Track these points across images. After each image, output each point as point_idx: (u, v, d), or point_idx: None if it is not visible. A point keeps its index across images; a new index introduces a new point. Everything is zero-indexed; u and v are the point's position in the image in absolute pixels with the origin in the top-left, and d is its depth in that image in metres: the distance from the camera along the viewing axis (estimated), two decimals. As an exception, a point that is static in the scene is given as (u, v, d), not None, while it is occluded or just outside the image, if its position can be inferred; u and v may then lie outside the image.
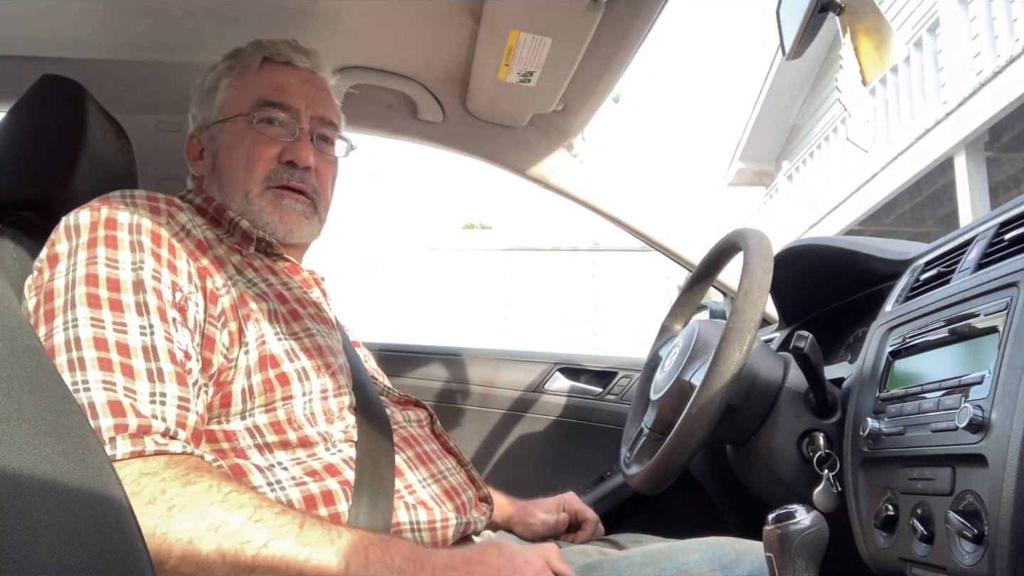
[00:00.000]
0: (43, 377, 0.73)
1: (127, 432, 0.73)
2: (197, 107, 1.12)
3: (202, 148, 1.10)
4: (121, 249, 0.85)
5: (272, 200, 1.04)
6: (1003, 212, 0.87)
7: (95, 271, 0.82)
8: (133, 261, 0.85)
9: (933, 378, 0.80)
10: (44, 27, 1.30)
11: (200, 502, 0.70)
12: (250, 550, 0.68)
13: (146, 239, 0.87)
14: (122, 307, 0.81)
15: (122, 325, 0.80)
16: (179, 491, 0.70)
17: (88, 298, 0.80)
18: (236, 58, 1.11)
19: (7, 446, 0.60)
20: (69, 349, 0.77)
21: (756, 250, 1.00)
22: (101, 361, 0.77)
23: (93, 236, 0.85)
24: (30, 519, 0.58)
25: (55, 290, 0.82)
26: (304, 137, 1.07)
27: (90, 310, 0.80)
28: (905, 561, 0.80)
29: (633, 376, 1.74)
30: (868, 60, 1.04)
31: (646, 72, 44.60)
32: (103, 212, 0.87)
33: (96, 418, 0.73)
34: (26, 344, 0.74)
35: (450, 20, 1.29)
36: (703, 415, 0.93)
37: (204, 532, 0.68)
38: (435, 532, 0.92)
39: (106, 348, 0.78)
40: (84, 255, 0.84)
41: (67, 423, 0.73)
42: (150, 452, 0.73)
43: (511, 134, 1.59)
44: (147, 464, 0.73)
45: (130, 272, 0.84)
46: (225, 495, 0.71)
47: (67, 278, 0.82)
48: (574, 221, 7.70)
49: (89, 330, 0.78)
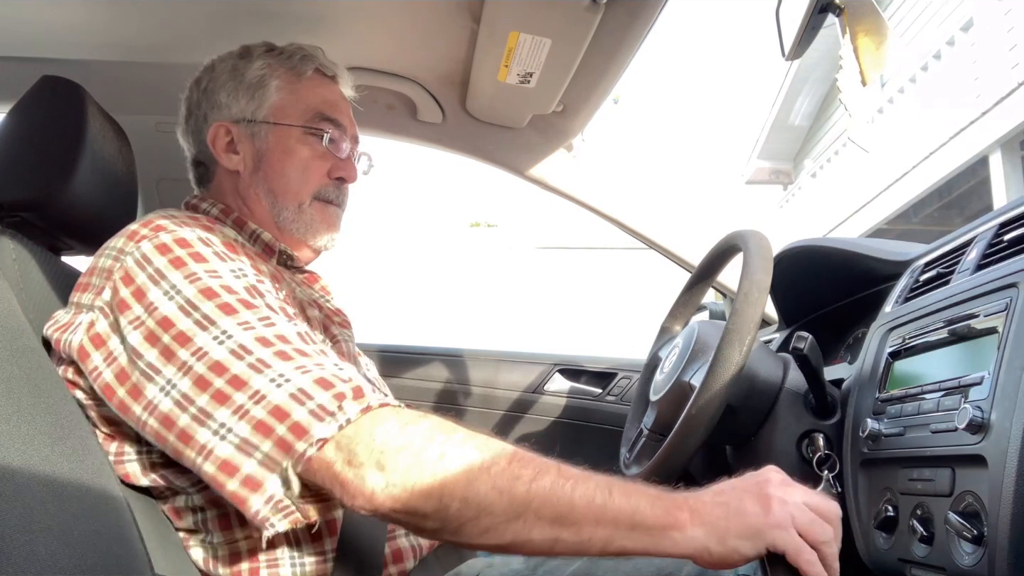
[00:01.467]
0: (43, 377, 0.73)
1: (348, 397, 0.73)
2: (230, 96, 1.05)
3: (232, 140, 1.05)
4: (212, 260, 0.83)
5: (320, 210, 1.06)
6: (1003, 213, 0.87)
7: (205, 285, 0.80)
8: (232, 269, 0.83)
9: (933, 379, 0.80)
10: (44, 28, 1.30)
11: (466, 446, 0.72)
12: (522, 485, 0.70)
13: (224, 249, 0.86)
14: (255, 306, 0.80)
15: (267, 319, 0.79)
16: (445, 437, 0.72)
17: (221, 309, 0.78)
18: (280, 57, 1.07)
19: (7, 446, 0.60)
20: (240, 357, 0.75)
21: (755, 251, 1.00)
22: (279, 354, 0.76)
23: (173, 257, 0.82)
24: (30, 519, 0.58)
25: (169, 316, 0.78)
26: (352, 156, 1.09)
27: (231, 318, 0.78)
28: (905, 562, 0.80)
29: (633, 377, 1.74)
30: (868, 60, 1.04)
31: (665, 69, 44.65)
32: (164, 236, 0.84)
33: (311, 399, 0.72)
34: (26, 345, 0.74)
35: (450, 21, 1.29)
36: (703, 416, 0.93)
37: (479, 474, 0.70)
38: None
39: (272, 343, 0.77)
40: (178, 275, 0.80)
41: (67, 423, 0.73)
42: (375, 406, 0.74)
43: (511, 135, 1.59)
44: (396, 414, 0.74)
45: (236, 280, 0.82)
46: (484, 441, 0.73)
47: (176, 301, 0.79)
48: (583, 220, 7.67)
49: (246, 335, 0.77)
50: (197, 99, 1.08)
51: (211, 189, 1.08)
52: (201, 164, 1.09)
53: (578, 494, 0.70)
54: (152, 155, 1.19)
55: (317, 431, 0.71)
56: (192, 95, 1.09)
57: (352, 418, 0.72)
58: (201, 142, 1.07)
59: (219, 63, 1.08)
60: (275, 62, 1.06)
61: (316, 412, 0.72)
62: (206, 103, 1.07)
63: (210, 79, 1.07)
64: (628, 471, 1.14)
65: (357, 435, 0.71)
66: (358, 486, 0.70)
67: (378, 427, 0.72)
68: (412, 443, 0.71)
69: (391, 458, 0.70)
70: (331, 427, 0.71)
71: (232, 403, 0.74)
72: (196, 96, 1.08)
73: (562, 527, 0.69)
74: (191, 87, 1.10)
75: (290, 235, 1.05)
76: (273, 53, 1.07)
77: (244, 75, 1.06)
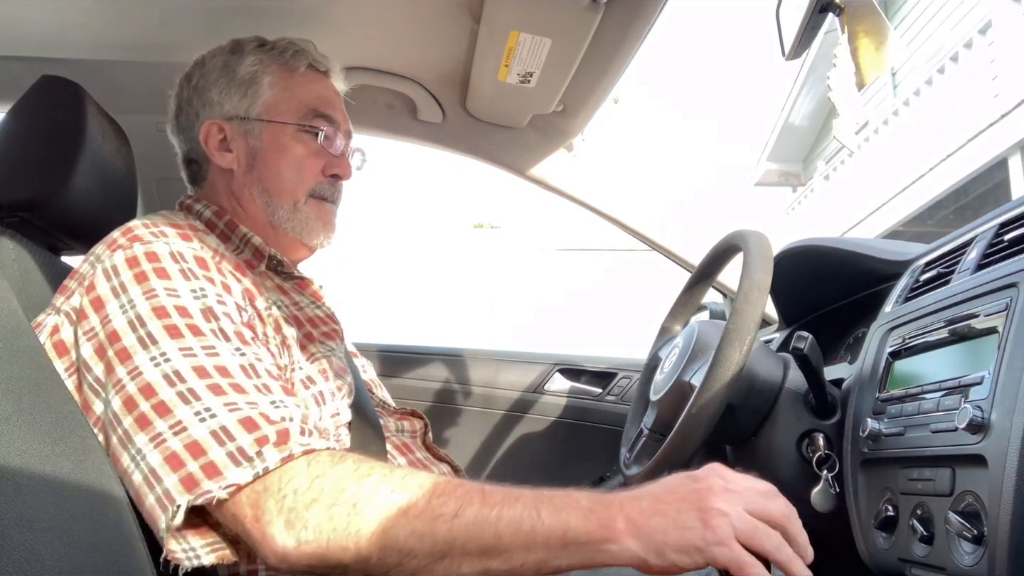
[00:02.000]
0: (43, 377, 0.73)
1: (270, 443, 0.72)
2: (222, 93, 1.04)
3: (225, 138, 1.03)
4: (175, 278, 0.82)
5: (315, 208, 1.04)
6: (1003, 213, 0.87)
7: (160, 303, 0.79)
8: (192, 289, 0.81)
9: (933, 379, 0.80)
10: (44, 27, 1.30)
11: (380, 492, 0.69)
12: (443, 524, 0.68)
13: (194, 266, 0.84)
14: (203, 332, 0.78)
15: (211, 348, 0.77)
16: (357, 486, 0.70)
17: (167, 330, 0.77)
18: (272, 53, 1.05)
19: (7, 446, 0.60)
20: (172, 384, 0.74)
21: (756, 251, 1.00)
22: (212, 388, 0.74)
23: (139, 271, 0.81)
24: (30, 519, 0.58)
25: (118, 330, 0.78)
26: (346, 152, 1.08)
27: (175, 341, 0.76)
28: (905, 562, 0.80)
29: (633, 377, 1.74)
30: (866, 61, 1.04)
31: (673, 69, 44.58)
32: (137, 248, 0.83)
33: (232, 440, 0.71)
34: (26, 345, 0.74)
35: (450, 20, 1.29)
36: (703, 416, 0.93)
37: (396, 520, 0.68)
38: None
39: (209, 375, 0.75)
40: (138, 290, 0.80)
41: (67, 423, 0.73)
42: (298, 454, 0.72)
43: (511, 135, 1.59)
44: (308, 465, 0.71)
45: (194, 300, 0.81)
46: (400, 481, 0.71)
47: (128, 316, 0.78)
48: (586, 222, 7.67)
49: (184, 361, 0.75)
50: (188, 96, 1.06)
51: (204, 188, 1.06)
52: (193, 162, 1.07)
53: (504, 522, 0.68)
54: (152, 155, 1.19)
55: (231, 476, 0.69)
56: (183, 92, 1.07)
57: (271, 467, 0.70)
58: (193, 139, 1.05)
59: (209, 59, 1.06)
60: (267, 58, 1.05)
61: (234, 455, 0.70)
62: (197, 100, 1.05)
63: (201, 75, 1.05)
64: (628, 471, 1.14)
65: (267, 489, 0.70)
66: (270, 545, 0.69)
67: (290, 480, 0.70)
68: (322, 496, 0.69)
69: (300, 515, 0.68)
70: (246, 473, 0.69)
71: (151, 430, 0.72)
72: (187, 93, 1.06)
73: (490, 558, 0.68)
74: (181, 83, 1.07)
75: (284, 234, 1.04)
76: (264, 48, 1.06)
77: (236, 71, 1.04)
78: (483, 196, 11.44)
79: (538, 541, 0.67)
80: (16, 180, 0.96)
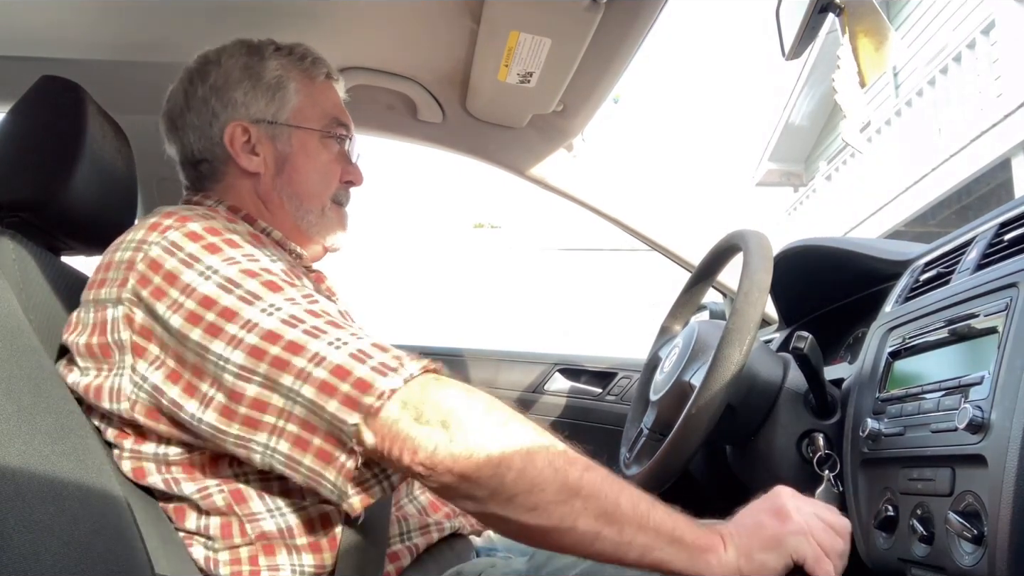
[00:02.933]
0: (43, 377, 0.73)
1: (406, 358, 0.74)
2: (247, 95, 1.02)
3: (249, 140, 1.02)
4: (245, 247, 0.83)
5: (337, 213, 1.08)
6: (1003, 212, 0.87)
7: (247, 267, 0.79)
8: (267, 254, 0.84)
9: (933, 379, 0.80)
10: (44, 27, 1.30)
11: (526, 423, 0.72)
12: (576, 471, 0.71)
13: (250, 240, 0.86)
14: (296, 285, 0.80)
15: (310, 296, 0.79)
16: (501, 408, 0.73)
17: (267, 286, 0.78)
18: (292, 58, 1.06)
19: (7, 446, 0.60)
20: (293, 325, 0.74)
21: (756, 250, 1.00)
22: (330, 323, 0.75)
23: (206, 243, 0.81)
24: (30, 520, 0.58)
25: (210, 295, 0.77)
26: (358, 160, 1.12)
27: (278, 294, 0.77)
28: (905, 562, 0.80)
29: (633, 377, 1.74)
30: (867, 61, 1.04)
31: (674, 69, 44.57)
32: (192, 225, 0.83)
33: (371, 358, 0.72)
34: (26, 345, 0.74)
35: (450, 20, 1.29)
36: (703, 416, 0.93)
37: (538, 448, 0.70)
38: (429, 534, 0.93)
39: (320, 315, 0.76)
40: (214, 259, 0.79)
41: (67, 423, 0.73)
42: (431, 368, 0.74)
43: (511, 135, 1.59)
44: (456, 381, 0.74)
45: (272, 263, 0.82)
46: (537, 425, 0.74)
47: (215, 280, 0.77)
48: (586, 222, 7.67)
49: (296, 307, 0.76)
50: (204, 94, 1.03)
51: (217, 190, 1.04)
52: (204, 162, 1.04)
53: (625, 495, 0.71)
54: (152, 155, 1.19)
55: (382, 384, 0.70)
56: (194, 89, 1.04)
57: (415, 374, 0.72)
58: (208, 138, 1.03)
59: (226, 59, 1.04)
60: (288, 63, 1.05)
61: (379, 368, 0.72)
62: (216, 100, 1.03)
63: (219, 75, 1.03)
64: (628, 471, 1.14)
65: (424, 392, 0.71)
66: (421, 443, 0.69)
67: (443, 388, 0.72)
68: (477, 407, 0.72)
69: (456, 418, 0.70)
70: (396, 380, 0.71)
71: (292, 368, 0.72)
72: (202, 91, 1.03)
73: (607, 523, 0.70)
74: (191, 80, 1.05)
75: (309, 237, 1.05)
76: (283, 53, 1.06)
77: (261, 75, 1.03)
78: (483, 196, 11.43)
79: (651, 526, 0.71)
80: (16, 180, 0.96)
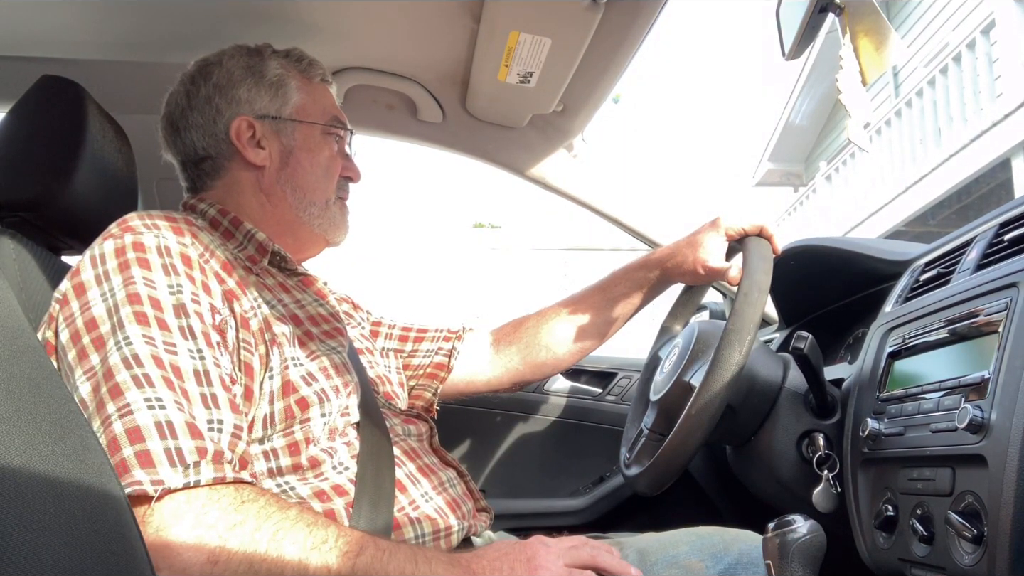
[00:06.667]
0: (43, 377, 0.73)
1: (207, 457, 0.74)
2: (251, 92, 1.05)
3: (254, 135, 1.04)
4: (155, 271, 0.84)
5: (340, 207, 1.10)
6: (1003, 212, 0.87)
7: (135, 291, 0.81)
8: (170, 284, 0.83)
9: (933, 379, 0.80)
10: (44, 27, 1.30)
11: (299, 524, 0.75)
12: (348, 560, 0.75)
13: (177, 262, 0.86)
14: (169, 328, 0.80)
15: (172, 346, 0.79)
16: (280, 515, 0.75)
17: (136, 316, 0.79)
18: (290, 59, 1.09)
19: (7, 446, 0.60)
20: (130, 366, 0.76)
21: (756, 251, 1.00)
22: (166, 381, 0.76)
23: (123, 260, 0.84)
24: (30, 519, 0.58)
25: (97, 318, 0.80)
26: (354, 156, 1.14)
27: (140, 328, 0.79)
28: (905, 562, 0.80)
29: (633, 377, 1.74)
30: (868, 60, 1.04)
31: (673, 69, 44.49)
32: (127, 238, 0.85)
33: (175, 438, 0.73)
34: (26, 344, 0.74)
35: (450, 20, 1.29)
36: (703, 416, 0.93)
37: (311, 551, 0.74)
38: (439, 541, 0.93)
39: (164, 367, 0.77)
40: (119, 279, 0.82)
41: (67, 423, 0.73)
42: (230, 479, 0.75)
43: (511, 135, 1.59)
44: (236, 491, 0.75)
45: (168, 295, 0.82)
46: (314, 516, 0.77)
47: (107, 303, 0.81)
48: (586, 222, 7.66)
49: (145, 348, 0.77)
50: (207, 93, 1.04)
51: (218, 188, 1.05)
52: (208, 159, 1.05)
53: (392, 565, 0.77)
54: (152, 155, 1.19)
55: (164, 475, 0.71)
56: (196, 89, 1.05)
57: (203, 481, 0.72)
58: (213, 135, 1.04)
59: (227, 59, 1.07)
60: (288, 63, 1.09)
61: (171, 453, 0.72)
62: (220, 97, 1.04)
63: (222, 74, 1.05)
64: (628, 471, 1.14)
65: (215, 498, 0.72)
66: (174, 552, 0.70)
67: (219, 499, 0.73)
68: (248, 519, 0.73)
69: (221, 535, 0.71)
70: (177, 479, 0.71)
71: (103, 412, 0.74)
72: (205, 90, 1.05)
73: None
74: (193, 81, 1.06)
75: (310, 231, 1.07)
76: (280, 54, 1.09)
77: (263, 73, 1.06)
78: (483, 196, 11.42)
79: None
80: (16, 180, 0.96)
